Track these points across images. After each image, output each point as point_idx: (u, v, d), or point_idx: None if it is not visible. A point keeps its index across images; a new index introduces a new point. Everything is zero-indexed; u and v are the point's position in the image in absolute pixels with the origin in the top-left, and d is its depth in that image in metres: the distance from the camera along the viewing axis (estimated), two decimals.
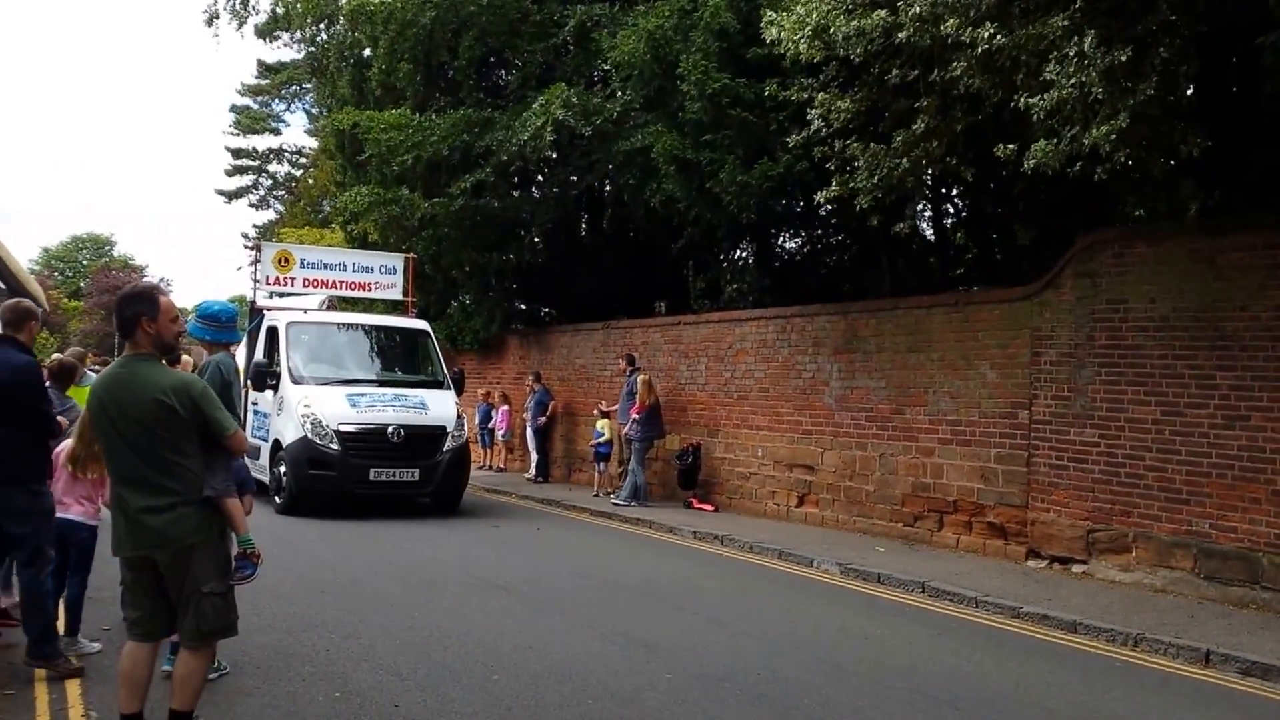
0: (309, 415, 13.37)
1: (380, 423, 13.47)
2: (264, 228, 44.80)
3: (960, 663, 7.26)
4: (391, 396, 14.01)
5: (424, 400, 14.11)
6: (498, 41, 18.07)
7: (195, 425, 4.82)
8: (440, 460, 13.80)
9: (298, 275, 16.27)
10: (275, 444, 13.94)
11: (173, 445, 4.77)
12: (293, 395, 13.76)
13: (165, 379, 4.81)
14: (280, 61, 37.88)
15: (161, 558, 4.78)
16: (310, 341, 14.79)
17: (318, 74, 23.71)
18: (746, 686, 6.45)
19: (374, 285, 17.01)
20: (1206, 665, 7.35)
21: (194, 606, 4.81)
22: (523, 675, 6.50)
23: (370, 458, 13.33)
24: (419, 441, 13.62)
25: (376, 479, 13.36)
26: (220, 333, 6.58)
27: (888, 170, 10.32)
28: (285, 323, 14.75)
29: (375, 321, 16.06)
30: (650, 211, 16.30)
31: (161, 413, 4.72)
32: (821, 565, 10.71)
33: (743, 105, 13.02)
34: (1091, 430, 10.05)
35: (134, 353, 4.88)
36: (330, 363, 14.63)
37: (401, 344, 15.74)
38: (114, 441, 4.79)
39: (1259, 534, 8.71)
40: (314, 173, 36.29)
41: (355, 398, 13.73)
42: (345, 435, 13.28)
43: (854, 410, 12.76)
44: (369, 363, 15.16)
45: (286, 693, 6.04)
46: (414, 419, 13.72)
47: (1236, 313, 8.98)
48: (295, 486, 13.34)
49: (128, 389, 4.76)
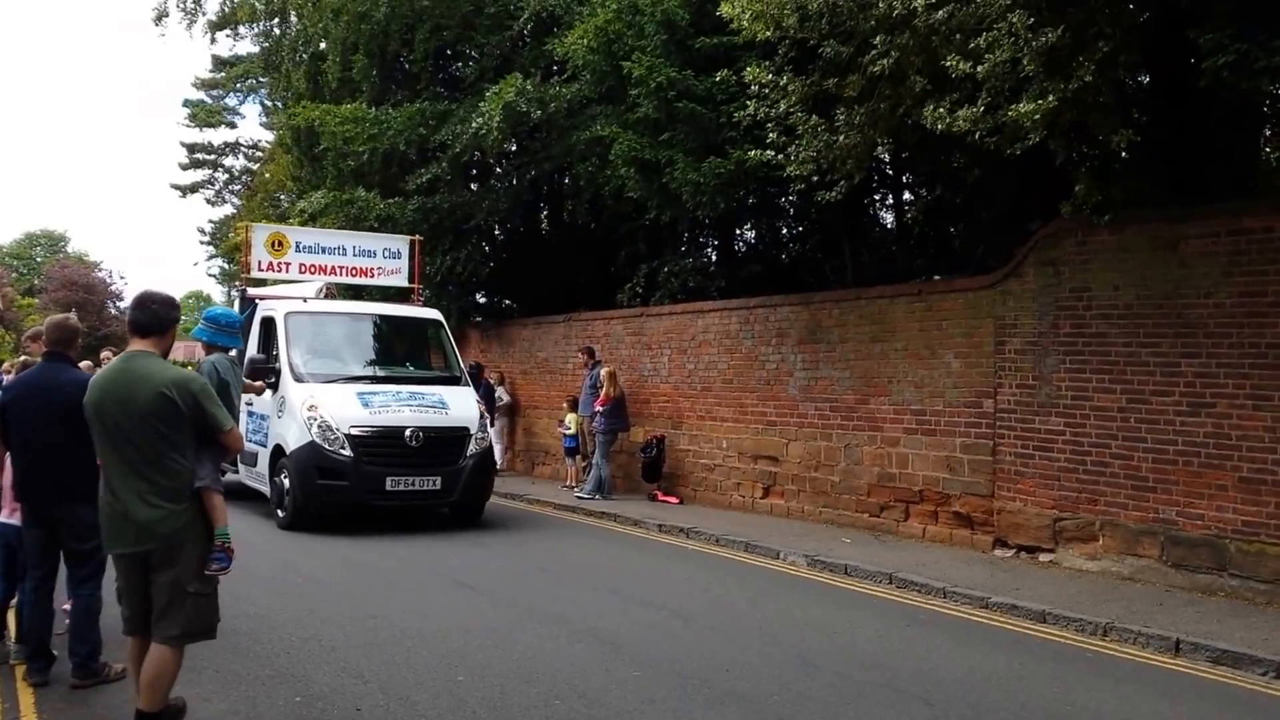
0: (316, 417, 11.80)
1: (397, 424, 11.95)
2: (220, 223, 44.15)
3: (930, 655, 7.19)
4: (407, 395, 12.48)
5: (443, 398, 12.64)
6: (452, 34, 17.88)
7: (193, 421, 4.95)
8: (463, 466, 12.27)
9: (293, 260, 14.90)
10: (276, 450, 12.39)
11: (170, 441, 4.88)
12: (296, 395, 12.19)
13: (168, 373, 4.97)
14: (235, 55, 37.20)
15: (154, 550, 4.87)
16: (312, 334, 13.19)
17: (272, 69, 23.38)
18: (715, 683, 6.35)
19: (377, 271, 15.59)
20: (1176, 654, 7.33)
21: (179, 606, 4.89)
22: (488, 675, 6.36)
23: (386, 464, 11.81)
24: (440, 445, 12.14)
25: (393, 488, 11.82)
26: (218, 335, 7.24)
27: (825, 144, 10.27)
28: (283, 313, 13.11)
29: (384, 311, 14.39)
30: (608, 203, 16.16)
31: (163, 407, 4.85)
32: (788, 557, 10.63)
33: (691, 98, 12.90)
34: (1057, 419, 10.03)
35: (140, 349, 5.05)
36: (336, 358, 13.12)
37: (413, 336, 14.34)
38: (112, 437, 4.89)
39: (1226, 521, 8.71)
40: (270, 167, 35.74)
41: (367, 396, 12.18)
42: (358, 439, 11.74)
43: (818, 401, 12.69)
44: (379, 357, 13.66)
45: (246, 697, 5.90)
46: (434, 420, 12.25)
47: (1200, 300, 8.98)
48: (302, 498, 11.76)
49: (131, 383, 4.89)
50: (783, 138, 10.79)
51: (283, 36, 21.11)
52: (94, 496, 5.93)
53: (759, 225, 17.87)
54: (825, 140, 10.32)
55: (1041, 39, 8.07)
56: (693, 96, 12.90)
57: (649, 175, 13.70)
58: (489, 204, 18.12)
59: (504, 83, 15.30)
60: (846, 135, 10.19)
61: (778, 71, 10.79)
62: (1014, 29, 8.20)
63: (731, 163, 12.42)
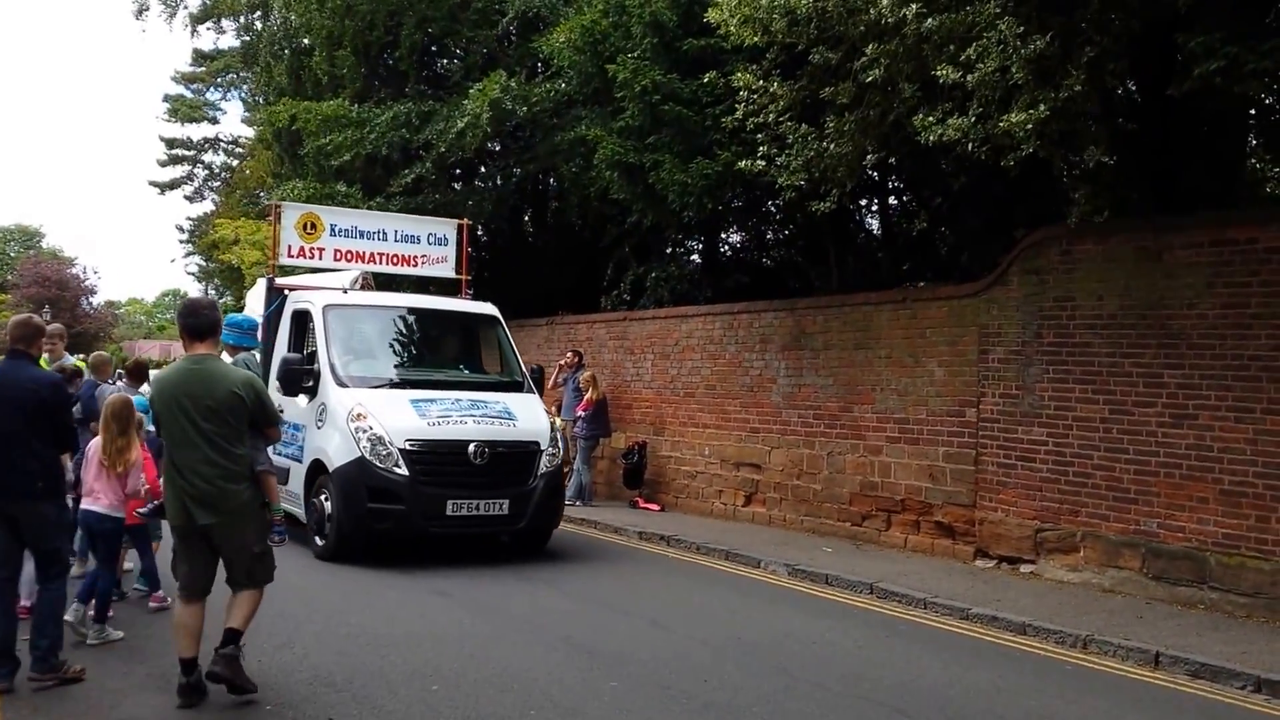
0: (365, 428, 10.08)
1: (459, 438, 10.24)
2: (199, 220, 43.86)
3: (910, 667, 7.13)
4: (468, 403, 10.74)
5: (508, 408, 10.94)
6: (438, 28, 17.73)
7: (252, 414, 5.86)
8: (534, 487, 10.56)
9: (327, 245, 13.01)
10: (315, 466, 10.57)
11: (237, 432, 5.80)
12: (339, 402, 10.44)
13: (236, 375, 5.94)
14: (216, 48, 36.98)
15: (220, 522, 5.72)
16: (355, 331, 11.51)
17: (252, 63, 23.23)
18: (693, 694, 6.28)
19: (421, 259, 13.60)
20: (1156, 667, 7.30)
21: (248, 564, 5.91)
22: (463, 684, 6.28)
23: (446, 485, 10.13)
24: (508, 463, 10.48)
25: (454, 513, 10.13)
26: (243, 338, 8.88)
27: (815, 153, 10.22)
28: (321, 306, 11.31)
29: (435, 305, 12.74)
30: (593, 204, 16.07)
31: (236, 403, 5.75)
32: (769, 566, 10.56)
33: (678, 101, 12.82)
34: (1039, 429, 10.00)
35: (205, 352, 5.90)
36: (384, 359, 11.51)
37: (466, 334, 12.55)
38: (184, 428, 5.68)
39: (1207, 533, 8.69)
40: (251, 163, 35.51)
41: (423, 405, 10.47)
42: (414, 456, 10.07)
43: (801, 408, 12.63)
44: (431, 359, 12.04)
45: (215, 704, 5.79)
46: (501, 433, 10.56)
47: (1184, 310, 8.96)
48: (348, 524, 9.99)
49: (205, 382, 5.74)
50: (773, 149, 10.73)
51: (264, 30, 20.94)
52: (59, 494, 6.28)
53: (745, 228, 17.83)
54: (816, 148, 10.25)
55: (1030, 47, 8.03)
56: (679, 99, 12.80)
57: (633, 178, 13.62)
58: (473, 204, 18.00)
59: (488, 80, 15.18)
60: (837, 143, 10.13)
61: (765, 76, 10.74)
62: (1003, 37, 8.17)
63: (720, 164, 12.34)
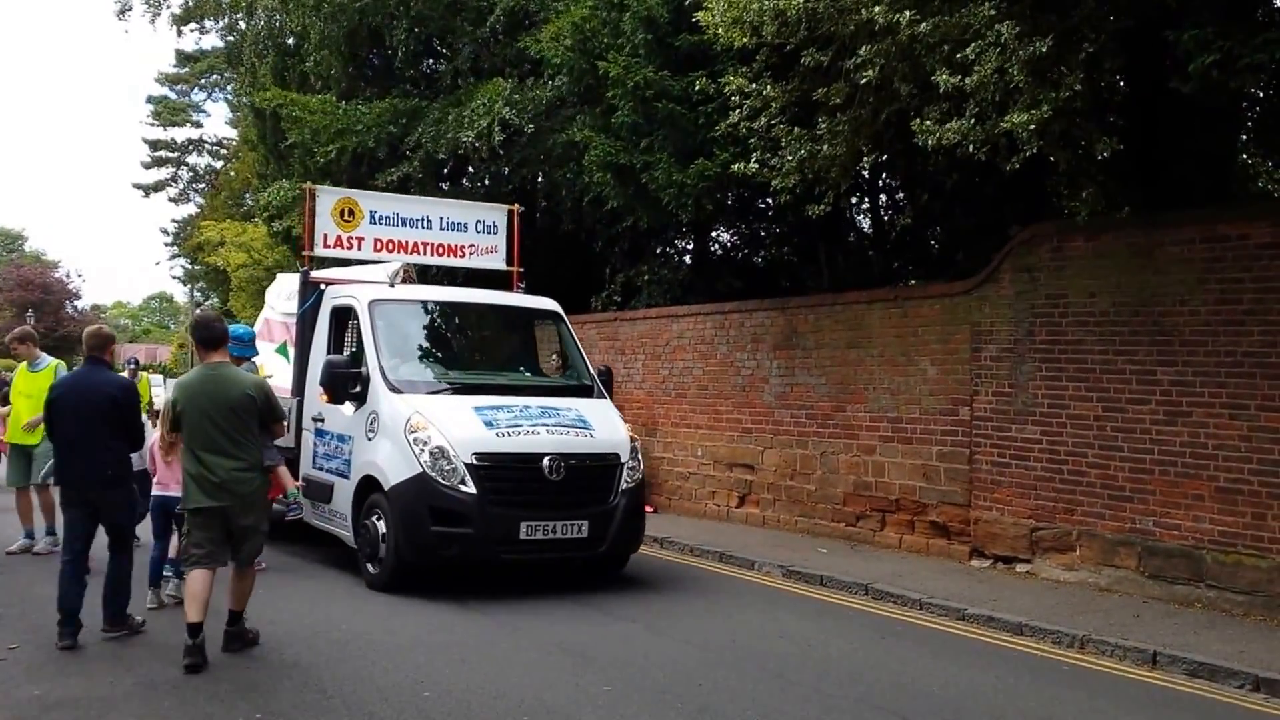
0: (426, 440, 8.80)
1: (532, 451, 8.96)
2: (183, 222, 43.67)
3: (907, 669, 7.07)
4: (538, 411, 9.45)
5: (582, 415, 9.63)
6: (434, 26, 17.56)
7: (261, 412, 6.91)
8: (615, 505, 9.31)
9: (367, 234, 11.84)
10: (365, 482, 9.25)
11: (249, 428, 6.85)
12: (394, 410, 9.18)
13: (248, 379, 7.07)
14: (200, 49, 36.79)
15: (234, 505, 6.74)
16: (406, 330, 10.31)
17: (237, 63, 23.07)
18: (688, 699, 6.21)
19: (468, 249, 12.36)
20: (1154, 667, 7.25)
21: (252, 540, 6.99)
22: (454, 691, 6.20)
23: (520, 505, 8.87)
24: (586, 478, 9.19)
25: (528, 536, 8.82)
26: (245, 349, 9.71)
27: (809, 154, 10.16)
28: (367, 302, 10.07)
29: (492, 300, 11.33)
30: (585, 208, 15.97)
31: (249, 403, 6.82)
32: (764, 568, 10.50)
33: (670, 99, 12.73)
34: (1033, 427, 9.95)
35: (220, 360, 6.96)
36: (439, 361, 10.35)
37: (524, 332, 11.44)
38: (204, 425, 6.71)
39: (1203, 531, 8.65)
40: (236, 165, 35.38)
41: (489, 414, 9.15)
42: (483, 471, 8.77)
43: (794, 408, 12.57)
44: (491, 360, 10.95)
45: (204, 713, 5.72)
46: (578, 444, 9.25)
47: (1176, 307, 8.92)
48: (409, 549, 8.71)
49: (221, 386, 6.80)
50: (766, 153, 10.66)
51: (248, 30, 20.77)
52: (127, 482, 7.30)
53: (736, 228, 17.76)
54: (809, 150, 10.18)
55: (1029, 49, 7.96)
56: (671, 97, 12.72)
57: (625, 180, 13.51)
58: None
59: (489, 89, 15.04)
60: (831, 145, 10.06)
61: (756, 78, 10.67)
62: (1001, 39, 8.08)
63: (718, 165, 12.26)
